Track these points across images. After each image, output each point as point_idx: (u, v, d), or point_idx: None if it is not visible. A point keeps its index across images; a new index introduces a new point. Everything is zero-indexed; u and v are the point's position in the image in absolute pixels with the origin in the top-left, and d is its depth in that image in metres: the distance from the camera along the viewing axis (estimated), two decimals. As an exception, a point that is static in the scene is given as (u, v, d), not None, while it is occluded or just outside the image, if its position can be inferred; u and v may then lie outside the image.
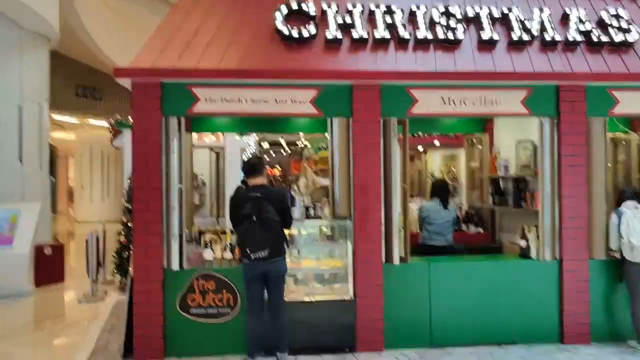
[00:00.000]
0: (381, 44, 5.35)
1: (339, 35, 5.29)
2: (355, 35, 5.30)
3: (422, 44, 5.38)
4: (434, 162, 8.67)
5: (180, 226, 4.95)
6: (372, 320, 5.06)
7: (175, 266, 4.92)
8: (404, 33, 5.34)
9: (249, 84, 5.03)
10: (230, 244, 5.29)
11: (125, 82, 5.01)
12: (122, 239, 8.19)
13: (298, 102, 5.10)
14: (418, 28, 5.39)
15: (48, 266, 8.43)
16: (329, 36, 5.27)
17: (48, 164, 9.59)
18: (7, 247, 7.61)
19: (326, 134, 5.40)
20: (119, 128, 9.66)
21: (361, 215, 5.09)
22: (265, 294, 4.58)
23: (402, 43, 5.37)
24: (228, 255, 5.24)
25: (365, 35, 5.31)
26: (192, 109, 5.01)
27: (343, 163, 5.15)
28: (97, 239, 7.80)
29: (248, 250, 4.35)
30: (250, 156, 4.81)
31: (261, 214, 4.35)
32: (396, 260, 5.11)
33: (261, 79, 5.01)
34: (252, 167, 4.59)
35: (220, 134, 9.32)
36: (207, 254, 5.14)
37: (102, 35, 14.93)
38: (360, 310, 5.05)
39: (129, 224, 8.12)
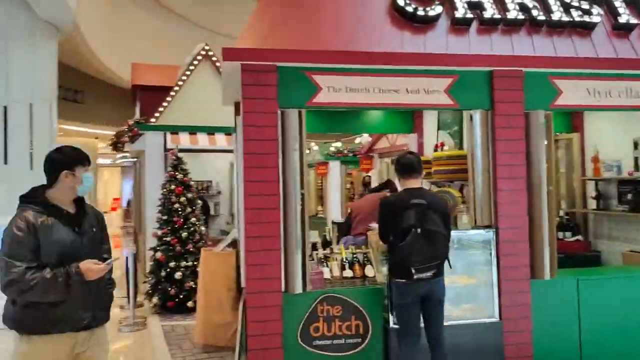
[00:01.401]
0: (514, 26, 4.68)
1: (469, 15, 4.58)
2: (486, 15, 4.61)
3: (557, 28, 4.75)
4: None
5: (302, 239, 4.08)
6: (521, 344, 4.35)
7: (297, 289, 4.05)
8: (537, 14, 4.70)
9: (378, 71, 4.25)
10: (352, 260, 4.46)
11: (232, 67, 4.13)
12: (159, 255, 7.15)
13: (432, 91, 4.35)
14: (551, 10, 4.76)
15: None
16: (458, 15, 4.56)
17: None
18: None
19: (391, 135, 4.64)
20: (140, 129, 8.61)
21: (506, 224, 4.38)
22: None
23: (535, 26, 4.73)
24: (348, 273, 4.41)
25: (497, 16, 4.63)
26: (312, 99, 4.18)
27: (484, 163, 4.43)
28: (135, 257, 6.76)
29: (413, 270, 3.54)
30: (404, 153, 3.95)
31: (427, 225, 3.57)
32: (546, 275, 4.42)
33: (395, 65, 4.24)
34: (409, 165, 3.79)
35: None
36: (325, 273, 4.31)
37: (93, 32, 13.70)
38: (508, 334, 4.33)
39: (167, 239, 7.13)
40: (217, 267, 5.43)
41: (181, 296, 7.07)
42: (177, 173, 7.40)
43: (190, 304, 7.13)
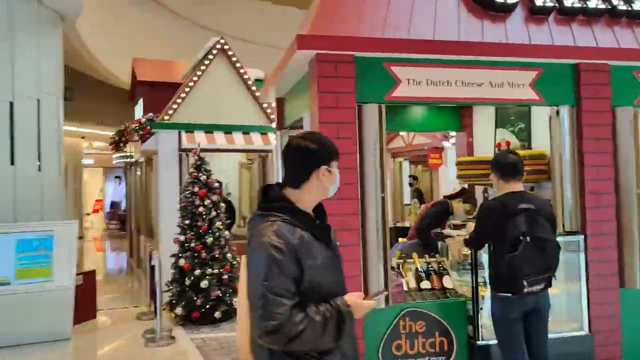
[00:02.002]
0: (594, 16, 4.36)
1: (549, 3, 4.24)
2: (566, 3, 4.28)
3: (636, 19, 4.45)
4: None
5: (384, 248, 3.68)
6: None
7: (379, 303, 3.64)
8: (618, 3, 4.39)
9: (461, 62, 3.88)
10: (428, 270, 4.08)
11: (303, 58, 3.71)
12: (183, 262, 6.66)
13: (516, 85, 4.00)
14: (632, 0, 4.46)
15: (79, 299, 6.71)
16: (538, 3, 4.22)
17: (64, 173, 7.81)
18: (44, 281, 5.89)
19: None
20: (153, 128, 8.07)
21: (594, 229, 4.06)
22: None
23: (615, 16, 4.41)
24: (425, 284, 4.03)
25: (577, 5, 4.30)
26: (391, 93, 3.78)
27: (572, 164, 4.09)
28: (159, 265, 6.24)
29: (525, 282, 3.17)
30: (503, 152, 3.58)
31: (537, 233, 3.21)
32: (637, 283, 4.10)
33: (482, 56, 3.87)
34: (512, 166, 3.40)
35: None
36: (424, 283, 3.92)
37: (85, 26, 13.01)
38: (599, 348, 4.01)
39: (190, 245, 6.65)
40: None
41: (207, 306, 6.59)
42: (200, 174, 6.92)
43: (217, 314, 6.66)
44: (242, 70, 8.60)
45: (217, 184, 7.12)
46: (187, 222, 6.80)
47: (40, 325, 5.87)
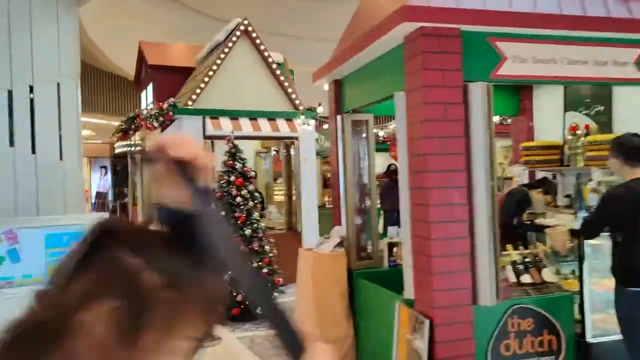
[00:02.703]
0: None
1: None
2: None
3: None
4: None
5: (494, 240, 3.38)
6: None
7: (488, 300, 3.35)
8: None
9: (566, 38, 3.57)
10: (525, 263, 3.80)
11: (400, 31, 3.37)
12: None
13: (620, 63, 3.72)
14: None
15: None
16: (637, -23, 3.93)
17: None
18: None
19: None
20: (176, 114, 7.63)
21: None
22: None
23: None
24: (526, 278, 3.75)
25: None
26: (496, 71, 3.46)
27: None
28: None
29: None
30: (626, 135, 3.29)
31: None
32: None
33: (586, 31, 3.57)
34: (638, 150, 3.14)
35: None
36: (525, 277, 3.64)
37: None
38: None
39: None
40: (329, 272, 4.66)
41: (247, 302, 6.24)
42: (235, 162, 6.53)
43: (259, 310, 6.30)
44: (266, 54, 8.19)
45: (252, 173, 6.75)
46: (222, 213, 6.40)
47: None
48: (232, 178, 6.44)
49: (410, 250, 3.57)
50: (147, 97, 10.56)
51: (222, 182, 6.48)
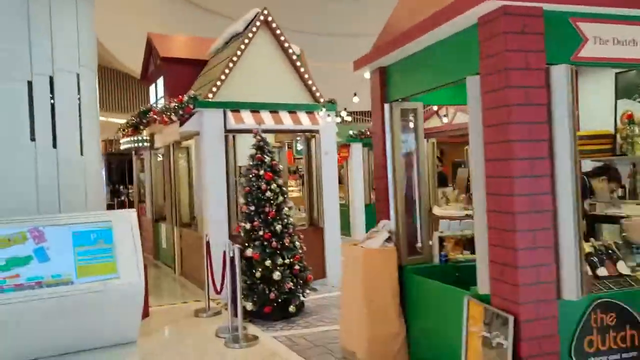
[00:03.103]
0: None
1: None
2: None
3: None
4: None
5: (578, 231, 3.21)
6: None
7: (573, 294, 3.18)
8: None
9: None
10: (599, 255, 3.64)
11: (476, 12, 3.18)
12: (251, 252, 6.07)
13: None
14: None
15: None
16: None
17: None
18: (110, 278, 5.22)
19: None
20: (197, 106, 7.38)
21: None
22: None
23: None
24: (602, 271, 3.59)
25: None
26: (577, 53, 3.28)
27: None
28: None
29: None
30: None
31: None
32: None
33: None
34: None
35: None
36: (601, 270, 3.47)
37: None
38: None
39: (258, 233, 6.07)
40: (381, 268, 4.47)
41: (279, 300, 6.03)
42: (264, 156, 6.31)
43: (292, 308, 6.12)
44: (286, 45, 7.97)
45: (281, 167, 6.54)
46: (252, 208, 6.19)
47: (107, 328, 5.24)
48: (262, 172, 6.22)
49: (485, 243, 3.39)
50: (157, 91, 10.28)
51: (250, 176, 6.26)
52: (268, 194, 6.17)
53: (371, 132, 5.08)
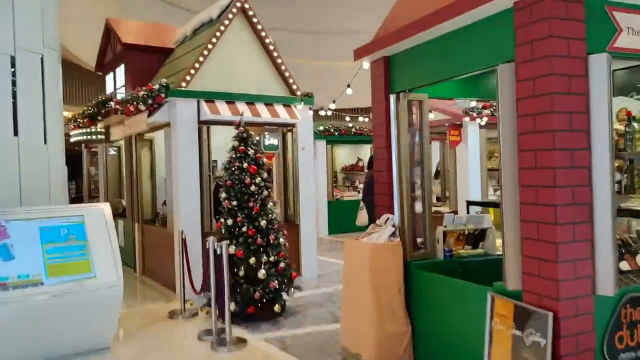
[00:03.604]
0: None
1: None
2: None
3: None
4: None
5: (614, 224, 3.13)
6: None
7: (610, 289, 3.10)
8: None
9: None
10: (625, 249, 3.60)
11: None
12: (234, 250, 5.73)
13: None
14: None
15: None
16: None
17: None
18: (85, 278, 4.73)
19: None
20: (170, 95, 6.92)
21: None
22: None
23: None
24: (624, 265, 3.55)
25: None
26: (612, 44, 3.21)
27: None
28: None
29: None
30: None
31: None
32: None
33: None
34: None
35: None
36: (622, 265, 3.42)
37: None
38: None
39: (241, 229, 5.75)
40: (388, 264, 4.28)
41: (264, 300, 5.72)
42: (248, 148, 5.97)
43: (277, 308, 5.82)
44: (263, 34, 7.64)
45: (265, 159, 6.23)
46: (234, 203, 5.85)
47: (80, 333, 4.75)
48: (245, 165, 5.88)
49: (516, 237, 3.26)
50: (115, 80, 9.65)
51: (233, 169, 5.91)
52: (252, 188, 5.84)
53: (373, 125, 4.87)
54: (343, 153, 15.61)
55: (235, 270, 5.69)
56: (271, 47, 7.69)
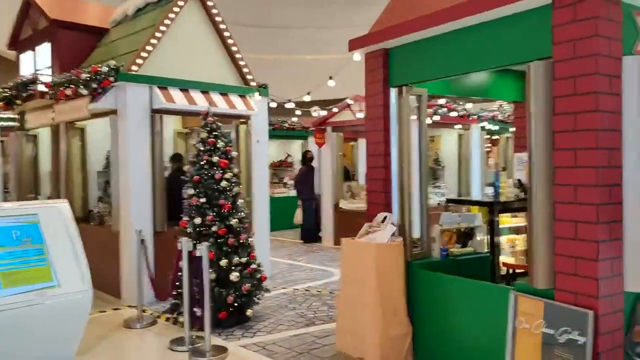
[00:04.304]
0: None
1: None
2: None
3: None
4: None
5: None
6: None
7: (636, 285, 3.19)
8: None
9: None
10: None
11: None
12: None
13: None
14: None
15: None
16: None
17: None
18: (46, 287, 4.08)
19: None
20: (120, 79, 6.26)
21: None
22: None
23: None
24: None
25: None
26: (636, 47, 3.30)
27: None
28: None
29: None
30: None
31: None
32: None
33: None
34: None
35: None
36: None
37: None
38: None
39: (210, 229, 5.35)
40: (392, 264, 4.14)
41: (235, 304, 5.34)
42: (218, 140, 5.54)
43: (250, 313, 5.47)
44: (218, 19, 7.18)
45: (235, 153, 5.83)
46: (203, 200, 5.40)
47: (42, 346, 4.10)
48: (216, 159, 5.45)
49: (546, 235, 3.26)
50: (36, 60, 8.58)
51: (202, 162, 5.45)
52: (224, 183, 5.43)
53: (367, 119, 4.70)
54: (271, 149, 15.29)
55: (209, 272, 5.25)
56: (226, 34, 7.25)
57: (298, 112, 10.64)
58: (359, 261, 4.20)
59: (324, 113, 10.46)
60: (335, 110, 10.36)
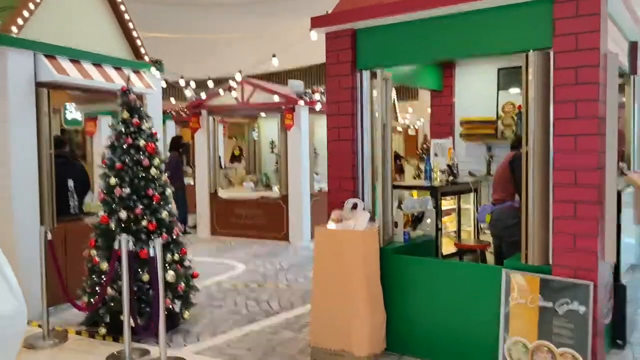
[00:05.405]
0: None
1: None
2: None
3: None
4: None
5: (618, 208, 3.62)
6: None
7: (612, 257, 3.58)
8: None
9: None
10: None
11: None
12: (136, 248, 4.58)
13: None
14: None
15: None
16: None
17: None
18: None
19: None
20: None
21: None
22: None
23: None
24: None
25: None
26: (606, 44, 3.68)
27: None
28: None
29: None
30: None
31: None
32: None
33: None
34: None
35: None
36: None
37: None
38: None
39: (140, 224, 4.71)
40: (373, 250, 4.04)
41: (170, 307, 4.73)
42: (142, 122, 4.79)
43: (187, 315, 4.89)
44: (110, -18, 6.20)
45: (159, 137, 5.12)
46: (127, 190, 4.67)
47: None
48: (142, 142, 4.71)
49: (543, 216, 3.48)
50: None
51: (124, 146, 4.67)
52: (153, 171, 4.72)
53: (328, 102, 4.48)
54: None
55: (140, 273, 4.54)
56: (119, 0, 6.29)
57: (188, 93, 9.78)
58: (340, 250, 4.02)
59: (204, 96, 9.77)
60: (220, 92, 9.74)
